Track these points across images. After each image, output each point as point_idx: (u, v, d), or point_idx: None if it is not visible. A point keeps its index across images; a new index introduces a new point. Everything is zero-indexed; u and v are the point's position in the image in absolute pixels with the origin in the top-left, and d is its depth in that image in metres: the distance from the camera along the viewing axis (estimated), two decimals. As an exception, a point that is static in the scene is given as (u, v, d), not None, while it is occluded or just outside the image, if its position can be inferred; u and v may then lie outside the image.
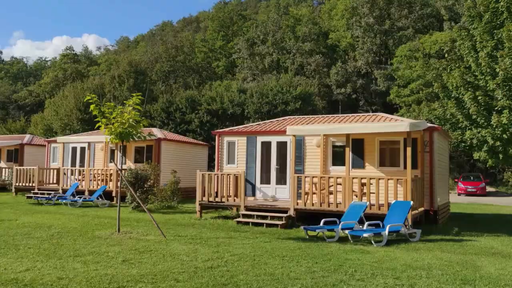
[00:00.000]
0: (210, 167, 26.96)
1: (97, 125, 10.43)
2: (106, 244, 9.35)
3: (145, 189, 16.03)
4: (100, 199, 18.32)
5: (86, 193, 19.75)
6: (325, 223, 11.45)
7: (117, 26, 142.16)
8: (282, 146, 15.99)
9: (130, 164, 21.35)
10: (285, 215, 13.06)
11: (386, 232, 10.20)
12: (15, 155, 28.09)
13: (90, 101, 10.39)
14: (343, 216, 11.56)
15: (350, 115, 16.97)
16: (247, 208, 13.83)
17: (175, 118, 39.44)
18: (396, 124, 12.18)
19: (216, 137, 16.87)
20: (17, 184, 22.01)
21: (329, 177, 12.87)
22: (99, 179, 20.19)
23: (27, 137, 29.77)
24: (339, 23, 46.74)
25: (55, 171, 22.55)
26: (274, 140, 16.01)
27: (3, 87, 67.56)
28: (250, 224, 12.95)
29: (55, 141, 23.98)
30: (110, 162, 21.91)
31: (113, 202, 18.96)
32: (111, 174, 19.94)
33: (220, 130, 17.57)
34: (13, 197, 21.31)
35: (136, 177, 15.94)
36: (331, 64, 45.37)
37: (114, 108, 10.41)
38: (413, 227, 11.38)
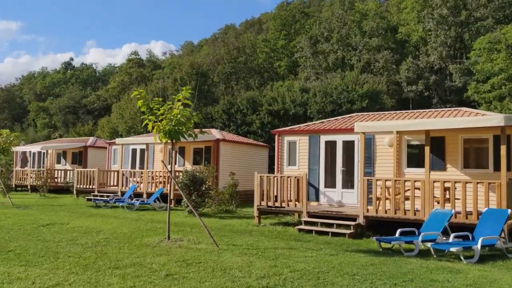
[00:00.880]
0: (271, 169, 25.95)
1: (144, 123, 9.64)
2: (152, 253, 8.49)
3: (201, 192, 15.22)
4: (157, 202, 17.82)
5: (144, 195, 19.38)
6: (401, 233, 9.92)
7: (182, 31, 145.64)
8: (348, 145, 14.57)
9: (188, 166, 20.76)
10: (353, 223, 11.66)
11: (479, 246, 8.54)
12: (79, 158, 28.65)
13: (138, 96, 9.64)
14: (423, 226, 9.97)
15: (427, 110, 15.22)
16: (309, 215, 12.56)
17: (236, 120, 38.85)
18: (488, 118, 10.39)
19: (276, 137, 15.75)
20: (78, 186, 22.17)
21: (404, 181, 11.29)
22: (157, 181, 19.77)
23: (90, 140, 30.35)
24: (409, 16, 44.00)
25: (115, 173, 22.50)
26: (339, 139, 14.62)
27: (74, 92, 70.82)
28: (313, 232, 11.69)
29: (115, 143, 24.01)
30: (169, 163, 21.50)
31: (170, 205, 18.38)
32: (169, 176, 19.42)
33: (280, 129, 16.45)
34: (74, 200, 21.47)
35: (192, 180, 15.18)
36: (401, 60, 42.75)
37: (163, 103, 9.58)
38: (509, 240, 9.59)
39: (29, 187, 26.37)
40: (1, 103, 79.35)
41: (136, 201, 17.66)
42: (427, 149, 11.31)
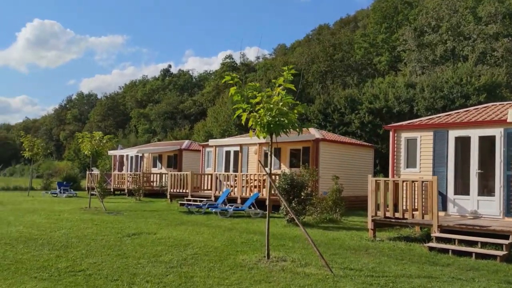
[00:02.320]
0: (374, 172, 23.29)
1: (236, 113, 7.87)
2: (249, 279, 6.66)
3: (302, 198, 13.22)
4: (252, 208, 16.17)
5: (238, 200, 17.88)
6: None
7: (275, 37, 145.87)
8: (486, 142, 11.69)
9: (285, 168, 18.90)
10: (505, 241, 8.92)
11: None
12: (174, 161, 28.21)
13: (230, 81, 7.91)
14: None
15: None
16: (442, 229, 9.98)
17: (333, 120, 36.46)
18: None
19: (391, 133, 13.27)
20: (172, 191, 21.35)
21: None
22: (252, 186, 18.17)
23: (185, 143, 29.85)
24: (533, -3, 38.43)
25: (209, 176, 21.37)
26: (474, 134, 11.79)
27: (172, 98, 73.01)
28: (450, 252, 9.15)
29: (208, 146, 22.95)
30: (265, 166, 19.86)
31: (266, 212, 16.65)
32: (264, 180, 17.74)
33: (396, 124, 13.94)
34: (167, 204, 20.63)
35: (291, 184, 13.26)
36: (523, 47, 37.39)
37: (259, 90, 7.74)
38: None
39: (126, 191, 26.33)
40: (106, 111, 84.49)
41: (230, 207, 16.16)
42: None
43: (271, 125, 7.60)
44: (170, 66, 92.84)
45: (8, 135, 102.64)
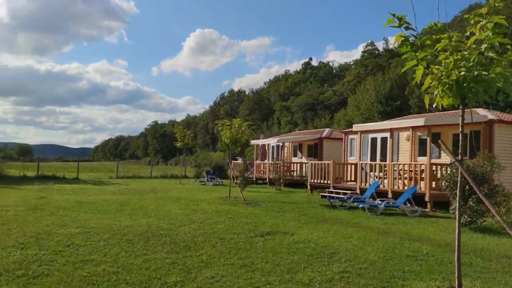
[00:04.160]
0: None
1: (406, 66, 4.85)
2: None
3: (483, 193, 9.51)
4: (408, 205, 12.80)
5: (389, 195, 14.60)
6: None
7: (420, 19, 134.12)
8: None
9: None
10: None
11: None
12: (314, 150, 25.70)
13: (395, 25, 4.94)
14: None
15: None
16: None
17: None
18: None
19: None
20: (312, 181, 18.83)
21: None
22: (405, 178, 14.71)
23: (326, 131, 27.10)
24: None
25: (352, 166, 18.35)
26: None
27: (312, 89, 70.73)
28: None
29: (352, 132, 19.88)
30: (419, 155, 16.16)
31: (426, 210, 13.13)
32: (422, 171, 14.15)
33: None
34: (307, 196, 18.15)
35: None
36: None
37: (443, 29, 4.60)
38: None
39: (267, 180, 24.66)
40: (252, 105, 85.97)
41: (380, 203, 13.01)
42: None
43: (464, 84, 4.45)
44: (311, 59, 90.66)
45: (173, 130, 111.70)
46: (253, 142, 29.64)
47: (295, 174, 23.79)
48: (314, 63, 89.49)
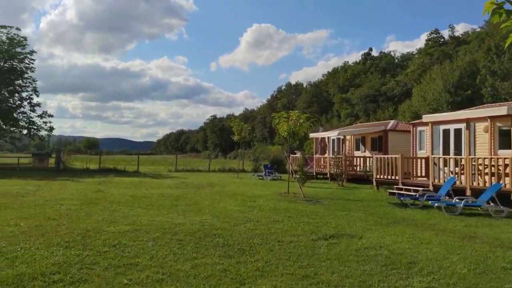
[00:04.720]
0: None
1: (508, 42, 3.67)
2: None
3: None
4: (492, 204, 11.23)
5: (468, 192, 13.00)
6: None
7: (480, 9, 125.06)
8: None
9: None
10: None
11: None
12: (378, 143, 24.11)
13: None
14: None
15: None
16: None
17: None
18: None
19: None
20: (377, 176, 17.45)
21: None
22: (486, 173, 13.03)
23: (391, 123, 25.37)
24: None
25: (422, 160, 16.77)
26: None
27: (373, 81, 67.82)
28: None
29: (421, 124, 18.22)
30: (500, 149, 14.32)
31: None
32: (506, 166, 12.43)
33: None
34: (373, 193, 16.81)
35: None
36: None
37: None
38: None
39: (328, 175, 23.46)
40: (310, 98, 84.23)
41: (458, 201, 11.53)
42: None
43: None
44: (371, 49, 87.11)
45: (231, 124, 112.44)
46: (312, 135, 28.48)
47: (358, 169, 22.40)
48: (375, 53, 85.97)
